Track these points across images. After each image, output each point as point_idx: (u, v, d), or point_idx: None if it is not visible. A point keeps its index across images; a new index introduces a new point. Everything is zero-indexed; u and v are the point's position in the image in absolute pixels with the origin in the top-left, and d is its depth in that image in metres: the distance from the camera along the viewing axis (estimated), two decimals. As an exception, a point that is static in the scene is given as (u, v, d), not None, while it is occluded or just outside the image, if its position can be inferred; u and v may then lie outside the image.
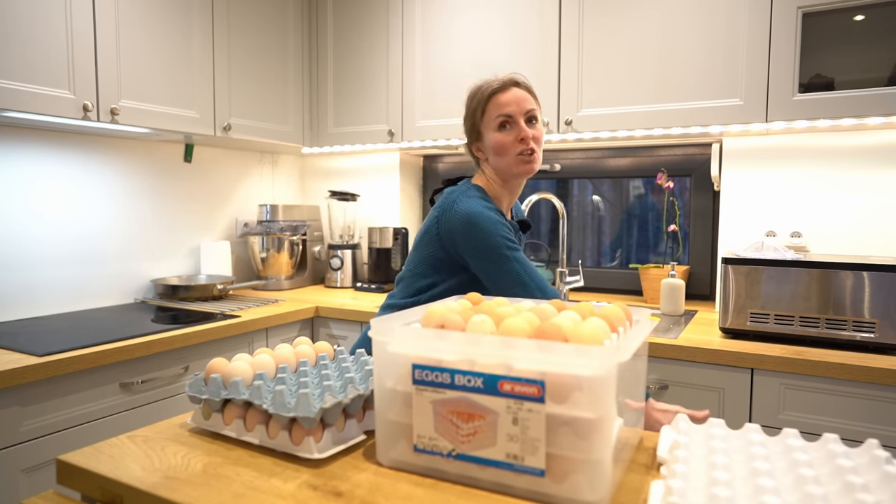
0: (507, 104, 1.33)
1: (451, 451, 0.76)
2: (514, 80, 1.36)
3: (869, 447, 0.77)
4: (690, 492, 0.69)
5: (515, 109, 1.33)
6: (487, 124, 1.36)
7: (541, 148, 1.37)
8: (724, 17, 1.81)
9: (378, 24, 2.46)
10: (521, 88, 1.36)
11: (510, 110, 1.33)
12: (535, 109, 1.36)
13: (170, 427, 0.96)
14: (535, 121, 1.37)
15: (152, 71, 1.98)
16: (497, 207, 1.36)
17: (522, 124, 1.34)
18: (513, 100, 1.34)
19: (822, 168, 1.91)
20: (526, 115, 1.35)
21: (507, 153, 1.35)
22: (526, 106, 1.34)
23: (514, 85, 1.35)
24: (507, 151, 1.34)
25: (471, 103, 1.40)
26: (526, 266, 1.32)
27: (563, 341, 0.73)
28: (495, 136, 1.35)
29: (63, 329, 1.75)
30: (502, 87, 1.35)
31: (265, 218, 2.64)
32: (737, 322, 1.65)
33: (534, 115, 1.36)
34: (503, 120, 1.34)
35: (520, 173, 1.37)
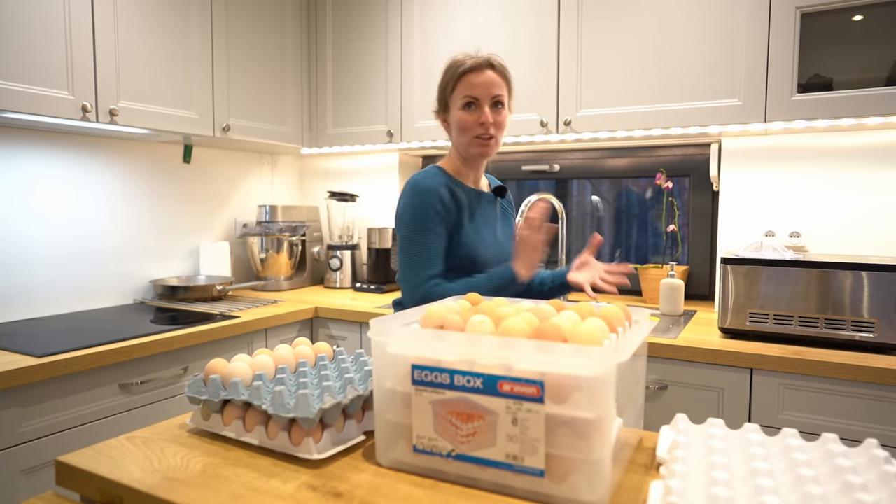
0: (476, 86, 1.37)
1: (451, 451, 0.76)
2: (489, 62, 1.39)
3: (868, 447, 0.77)
4: (690, 492, 0.69)
5: (482, 92, 1.37)
6: (455, 100, 1.41)
7: (502, 132, 1.42)
8: (722, 18, 1.81)
9: (377, 24, 2.46)
10: (495, 72, 1.39)
11: (477, 92, 1.37)
12: (502, 95, 1.40)
13: (169, 428, 0.96)
14: (502, 106, 1.40)
15: (151, 72, 1.98)
16: (453, 181, 1.42)
17: (486, 108, 1.37)
18: (482, 82, 1.37)
19: (821, 168, 1.91)
20: (492, 100, 1.38)
21: (466, 133, 1.40)
22: (493, 91, 1.38)
23: (488, 67, 1.38)
24: (467, 131, 1.39)
25: (445, 75, 1.43)
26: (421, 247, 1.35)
27: (562, 342, 0.73)
28: (459, 113, 1.39)
29: (62, 330, 1.75)
30: (475, 67, 1.38)
31: (264, 218, 2.64)
32: (736, 322, 1.65)
33: (500, 101, 1.39)
34: (469, 100, 1.38)
35: (475, 154, 1.43)
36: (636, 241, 2.46)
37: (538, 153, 2.59)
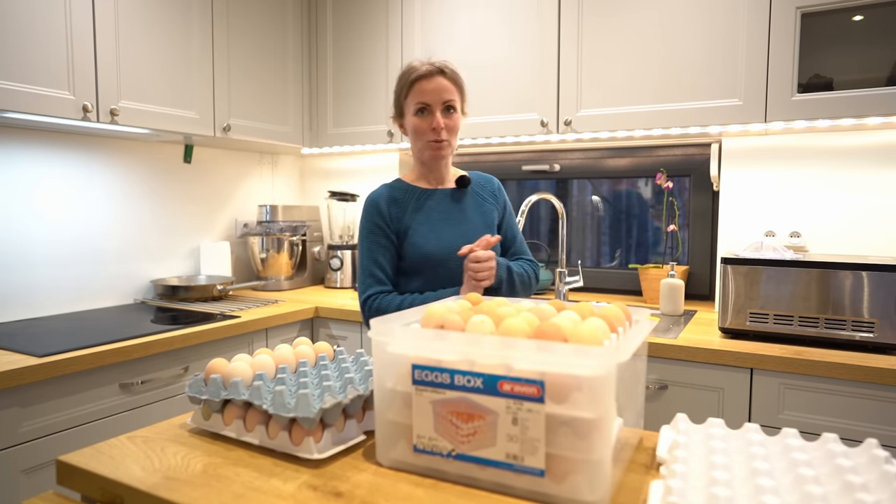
0: (427, 92, 1.42)
1: (451, 451, 0.76)
2: (439, 69, 1.43)
3: (868, 447, 0.77)
4: (690, 492, 0.69)
5: (433, 98, 1.42)
6: (408, 106, 1.46)
7: (455, 135, 1.48)
8: (723, 17, 1.81)
9: (377, 24, 2.46)
10: (446, 78, 1.44)
11: (428, 99, 1.42)
12: (453, 100, 1.44)
13: (170, 428, 0.96)
14: (453, 110, 1.45)
15: (152, 71, 1.98)
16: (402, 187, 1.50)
17: (437, 114, 1.43)
18: (433, 89, 1.42)
19: (822, 168, 1.91)
20: (443, 105, 1.43)
21: (420, 137, 1.46)
22: (444, 96, 1.43)
23: (439, 73, 1.43)
24: (421, 136, 1.45)
25: (398, 82, 1.48)
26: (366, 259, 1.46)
27: (562, 341, 0.73)
28: (412, 119, 1.45)
29: (63, 330, 1.75)
30: (427, 74, 1.42)
31: (265, 218, 2.64)
32: (736, 322, 1.65)
33: (452, 105, 1.44)
34: (421, 106, 1.43)
35: (429, 158, 1.48)
36: (636, 241, 2.46)
37: (538, 153, 2.59)
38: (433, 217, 1.47)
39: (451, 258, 1.43)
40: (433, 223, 1.46)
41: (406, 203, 1.47)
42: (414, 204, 1.47)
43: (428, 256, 1.43)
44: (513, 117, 2.17)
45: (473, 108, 2.26)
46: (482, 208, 1.55)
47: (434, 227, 1.46)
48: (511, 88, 2.17)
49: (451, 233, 1.47)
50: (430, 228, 1.45)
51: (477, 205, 1.55)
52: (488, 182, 1.61)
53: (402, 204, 1.47)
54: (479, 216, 1.54)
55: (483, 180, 1.60)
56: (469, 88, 2.24)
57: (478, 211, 1.54)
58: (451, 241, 1.45)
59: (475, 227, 1.51)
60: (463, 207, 1.52)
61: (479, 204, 1.55)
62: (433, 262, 1.43)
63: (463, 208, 1.52)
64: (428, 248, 1.43)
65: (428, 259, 1.43)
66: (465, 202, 1.53)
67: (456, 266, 1.43)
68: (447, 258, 1.43)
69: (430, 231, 1.45)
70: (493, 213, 1.57)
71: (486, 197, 1.57)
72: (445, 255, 1.43)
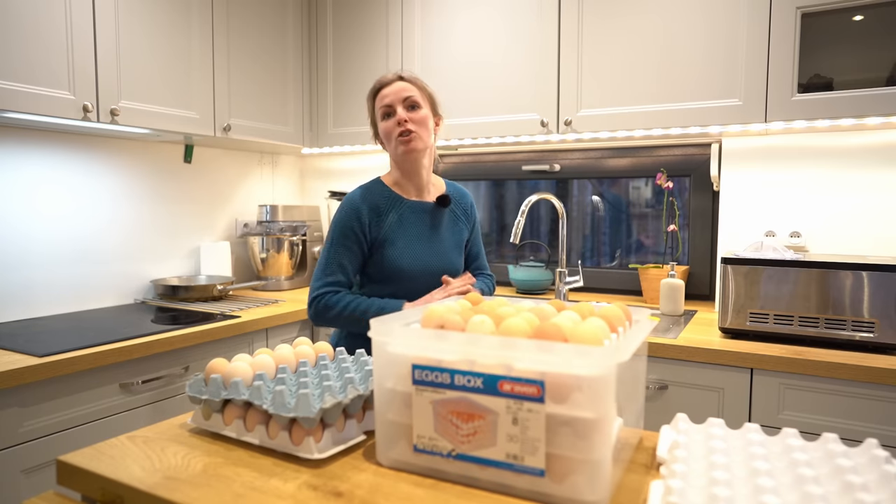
0: (387, 96, 1.49)
1: (451, 451, 0.76)
2: (398, 76, 1.51)
3: (868, 447, 0.77)
4: (690, 491, 0.69)
5: (393, 98, 1.48)
6: (377, 117, 1.53)
7: (425, 129, 1.50)
8: (723, 17, 1.81)
9: (378, 24, 2.46)
10: (404, 81, 1.50)
11: (389, 100, 1.49)
12: (413, 96, 1.49)
13: (170, 427, 0.96)
14: (417, 107, 1.50)
15: (152, 72, 1.98)
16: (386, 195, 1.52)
17: (400, 110, 1.48)
18: (392, 91, 1.49)
19: (822, 168, 1.91)
20: (405, 103, 1.49)
21: (391, 138, 1.50)
22: (403, 94, 1.48)
23: (398, 79, 1.50)
24: (391, 136, 1.50)
25: (367, 103, 1.57)
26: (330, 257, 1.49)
27: (562, 341, 0.73)
28: (381, 124, 1.52)
29: (63, 329, 1.75)
30: (386, 82, 1.50)
31: (265, 218, 2.64)
32: (736, 322, 1.65)
33: (414, 102, 1.49)
34: (385, 110, 1.50)
35: (402, 153, 1.50)
36: (636, 241, 2.46)
37: (539, 153, 2.59)
38: (410, 232, 1.52)
39: (422, 274, 1.50)
40: (409, 239, 1.51)
41: (386, 212, 1.51)
42: (394, 215, 1.51)
43: (401, 271, 1.49)
44: (513, 117, 2.17)
45: (473, 107, 2.26)
46: (456, 227, 1.62)
47: (410, 242, 1.51)
48: (511, 88, 2.17)
49: (425, 250, 1.53)
50: (406, 244, 1.51)
51: (451, 223, 1.61)
52: (463, 198, 1.66)
53: (382, 213, 1.50)
54: (452, 235, 1.60)
55: (459, 195, 1.65)
56: (469, 88, 2.26)
57: (452, 229, 1.61)
58: (424, 259, 1.52)
59: (447, 246, 1.57)
60: (438, 225, 1.58)
61: (454, 222, 1.62)
62: (405, 277, 1.49)
63: (438, 226, 1.57)
64: (402, 263, 1.49)
65: (401, 273, 1.49)
66: (442, 220, 1.59)
67: (425, 281, 1.50)
68: (419, 274, 1.50)
69: (405, 246, 1.50)
70: (464, 231, 1.63)
71: (460, 215, 1.64)
72: (418, 271, 1.50)
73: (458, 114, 2.27)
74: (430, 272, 1.51)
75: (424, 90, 1.52)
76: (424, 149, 1.51)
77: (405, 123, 1.47)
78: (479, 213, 2.76)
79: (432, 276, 1.52)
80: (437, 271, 1.53)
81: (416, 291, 1.50)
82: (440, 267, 1.54)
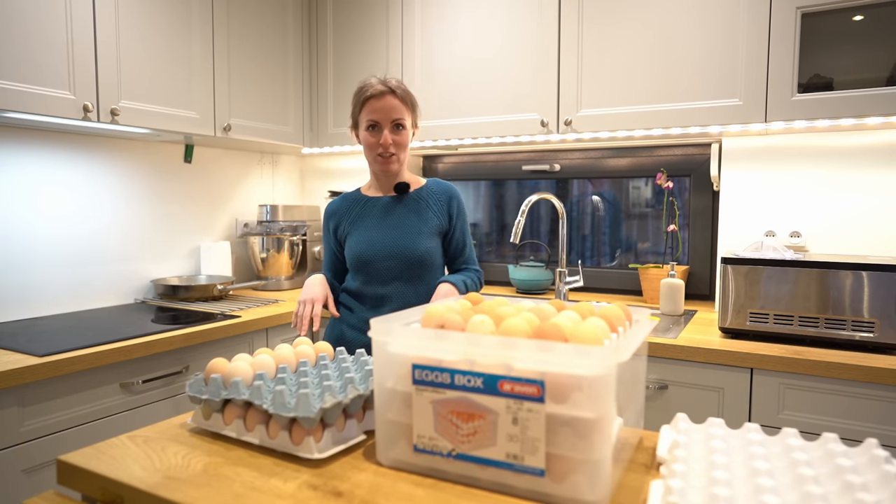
0: (376, 111, 1.54)
1: (451, 450, 0.76)
2: (391, 89, 1.55)
3: (868, 447, 0.77)
4: (690, 491, 0.69)
5: (382, 117, 1.55)
6: (360, 122, 1.59)
7: (404, 150, 1.60)
8: (723, 17, 1.81)
9: (378, 24, 2.46)
10: (396, 97, 1.55)
11: (377, 117, 1.55)
12: (402, 118, 1.56)
13: (170, 427, 0.97)
14: (402, 128, 1.58)
15: (152, 71, 1.98)
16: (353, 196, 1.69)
17: (386, 131, 1.55)
18: (382, 108, 1.54)
19: (822, 168, 1.91)
20: (392, 123, 1.56)
21: (370, 151, 1.59)
22: (393, 115, 1.55)
23: (389, 93, 1.55)
24: (371, 150, 1.59)
25: (353, 98, 1.61)
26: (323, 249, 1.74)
27: (562, 341, 0.73)
28: (364, 134, 1.59)
29: (63, 329, 1.75)
30: (378, 94, 1.54)
31: (265, 218, 2.64)
32: (736, 322, 1.65)
33: (400, 123, 1.57)
34: (371, 123, 1.56)
35: (377, 171, 1.63)
36: (636, 241, 2.46)
37: (539, 153, 2.59)
38: (367, 224, 1.63)
39: (379, 258, 1.59)
40: (366, 229, 1.63)
41: (347, 213, 1.67)
42: (355, 213, 1.66)
43: (358, 257, 1.61)
44: (513, 117, 2.17)
45: (473, 107, 2.26)
46: (422, 214, 1.65)
47: (366, 232, 1.62)
48: (511, 88, 2.17)
49: (381, 236, 1.61)
50: (362, 234, 1.62)
51: (416, 209, 1.65)
52: (442, 192, 1.69)
53: (344, 214, 1.67)
54: (417, 220, 1.64)
55: (436, 188, 1.69)
56: (469, 88, 2.26)
57: (416, 215, 1.65)
58: (380, 244, 1.60)
59: (408, 231, 1.62)
60: (399, 213, 1.64)
61: (420, 209, 1.66)
62: (363, 262, 1.60)
63: (398, 213, 1.64)
64: (358, 250, 1.61)
65: (359, 259, 1.61)
66: (403, 207, 1.65)
67: (387, 265, 1.59)
68: (376, 258, 1.59)
69: (361, 236, 1.62)
70: (435, 220, 1.66)
71: (432, 204, 1.67)
72: (374, 255, 1.59)
73: (458, 114, 2.27)
74: (387, 256, 1.59)
75: (412, 106, 1.60)
76: (400, 167, 1.62)
77: (388, 147, 1.56)
78: (479, 214, 2.77)
79: (392, 259, 1.59)
80: (397, 254, 1.59)
81: (379, 275, 1.60)
82: (399, 251, 1.59)
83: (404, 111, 1.56)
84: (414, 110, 1.61)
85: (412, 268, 1.59)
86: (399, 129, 1.57)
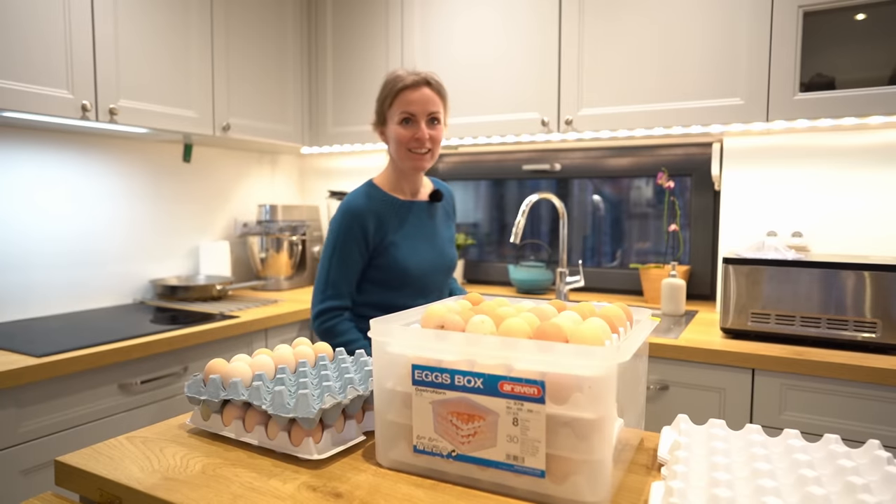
0: (413, 102, 1.44)
1: (451, 451, 0.76)
2: (425, 80, 1.45)
3: (870, 448, 0.77)
4: (691, 492, 0.69)
5: (419, 109, 1.44)
6: (392, 115, 1.47)
7: (438, 146, 1.50)
8: (724, 16, 1.81)
9: (377, 23, 2.45)
10: (432, 89, 1.46)
11: (414, 109, 1.44)
12: (438, 112, 1.47)
13: (168, 428, 0.96)
14: (438, 122, 1.48)
15: (151, 71, 1.98)
16: (382, 198, 1.49)
17: (423, 124, 1.45)
18: (419, 99, 1.44)
19: (824, 167, 1.91)
20: (428, 116, 1.46)
21: (402, 147, 1.47)
22: (430, 108, 1.45)
23: (425, 84, 1.45)
24: (403, 145, 1.46)
25: (383, 90, 1.49)
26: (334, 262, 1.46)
27: (563, 342, 0.73)
28: (396, 129, 1.46)
29: (61, 329, 1.75)
30: (413, 85, 1.44)
31: (264, 218, 2.63)
32: (738, 322, 1.65)
33: (436, 117, 1.47)
34: (406, 116, 1.45)
35: (409, 168, 1.50)
36: (637, 241, 2.46)
37: (539, 153, 2.58)
38: (411, 233, 1.52)
39: (427, 272, 1.51)
40: (412, 239, 1.51)
41: (388, 218, 1.49)
42: (396, 219, 1.50)
43: (407, 271, 1.48)
44: (513, 116, 2.17)
45: (473, 107, 2.25)
46: (447, 222, 1.64)
47: (413, 243, 1.51)
48: (511, 87, 2.16)
49: (428, 248, 1.54)
50: (410, 245, 1.50)
51: (444, 218, 1.63)
52: (450, 195, 1.68)
53: (385, 219, 1.48)
54: (446, 230, 1.63)
55: (445, 191, 1.66)
56: (469, 88, 2.25)
57: (445, 225, 1.63)
58: (428, 257, 1.53)
59: (444, 241, 1.59)
60: (435, 223, 1.59)
61: (445, 218, 1.63)
62: (411, 277, 1.49)
63: (435, 223, 1.59)
64: (408, 263, 1.49)
65: (407, 273, 1.49)
66: (436, 216, 1.60)
67: (430, 279, 1.52)
68: (425, 272, 1.51)
69: (409, 248, 1.50)
70: (453, 227, 1.66)
71: (450, 211, 1.66)
72: (423, 270, 1.51)
73: (458, 113, 2.27)
74: (434, 269, 1.53)
75: (446, 100, 1.50)
76: (431, 164, 1.52)
77: (425, 142, 1.45)
78: (479, 213, 2.77)
79: (436, 273, 1.53)
80: (440, 268, 1.54)
81: (420, 291, 1.51)
82: (442, 263, 1.55)
83: (440, 104, 1.47)
84: (447, 105, 1.51)
85: (447, 278, 1.58)
86: (434, 123, 1.47)
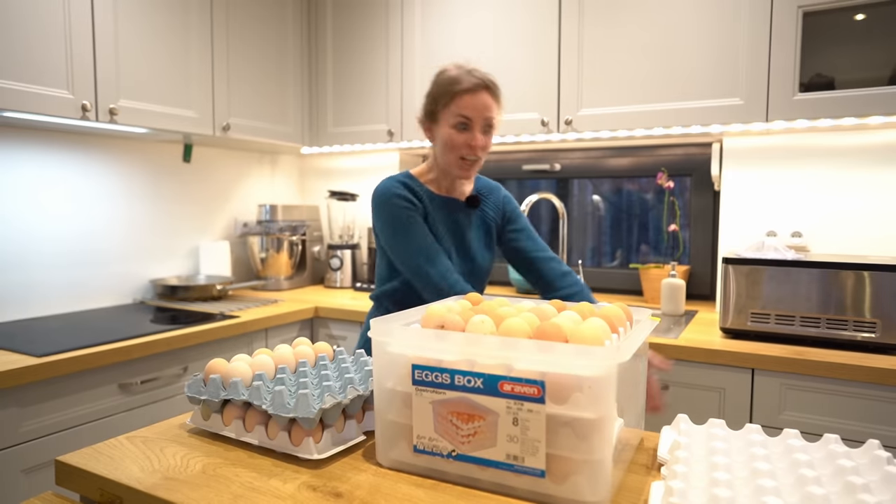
0: (471, 108, 1.37)
1: (451, 451, 0.76)
2: (485, 84, 1.38)
3: (870, 448, 0.77)
4: (691, 492, 0.69)
5: (476, 115, 1.37)
6: (446, 117, 1.40)
7: (486, 154, 1.43)
8: (724, 16, 1.81)
9: (377, 23, 2.45)
10: (490, 95, 1.39)
11: (471, 114, 1.37)
12: (493, 118, 1.40)
13: (169, 428, 0.96)
14: (492, 128, 1.41)
15: (151, 71, 1.98)
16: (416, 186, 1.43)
17: (477, 132, 1.38)
18: (478, 105, 1.37)
19: (823, 168, 1.91)
20: (484, 123, 1.39)
21: (452, 151, 1.40)
22: (486, 114, 1.38)
23: (484, 88, 1.38)
24: (454, 150, 1.39)
25: (438, 88, 1.42)
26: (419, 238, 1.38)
27: (563, 342, 0.73)
28: (449, 132, 1.39)
29: (62, 329, 1.75)
30: (473, 88, 1.37)
31: (264, 218, 2.63)
32: (737, 322, 1.65)
33: (491, 124, 1.40)
34: (462, 121, 1.38)
35: (456, 176, 1.44)
36: (637, 241, 2.46)
37: (539, 152, 2.58)
38: (440, 230, 1.45)
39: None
40: (439, 236, 1.44)
41: (423, 206, 1.42)
42: (431, 210, 1.44)
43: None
44: (513, 116, 2.17)
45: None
46: (484, 225, 1.54)
47: (439, 240, 1.44)
48: (511, 87, 2.16)
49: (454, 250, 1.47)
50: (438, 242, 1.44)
51: (480, 222, 1.54)
52: (492, 193, 1.57)
53: (419, 204, 1.42)
54: (482, 235, 1.53)
55: (487, 190, 1.57)
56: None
57: (481, 229, 1.53)
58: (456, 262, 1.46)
59: (475, 247, 1.51)
60: (467, 225, 1.50)
61: (483, 221, 1.54)
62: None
63: (467, 226, 1.50)
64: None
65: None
66: (471, 220, 1.52)
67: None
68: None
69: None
70: (493, 227, 1.56)
71: (489, 212, 1.55)
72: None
73: (458, 113, 2.27)
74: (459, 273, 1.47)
75: (501, 105, 1.43)
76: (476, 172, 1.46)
77: (478, 150, 1.39)
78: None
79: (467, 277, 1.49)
80: (464, 272, 1.48)
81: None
82: (467, 268, 1.49)
83: (496, 110, 1.40)
84: (501, 108, 1.43)
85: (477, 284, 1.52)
86: (489, 129, 1.41)
